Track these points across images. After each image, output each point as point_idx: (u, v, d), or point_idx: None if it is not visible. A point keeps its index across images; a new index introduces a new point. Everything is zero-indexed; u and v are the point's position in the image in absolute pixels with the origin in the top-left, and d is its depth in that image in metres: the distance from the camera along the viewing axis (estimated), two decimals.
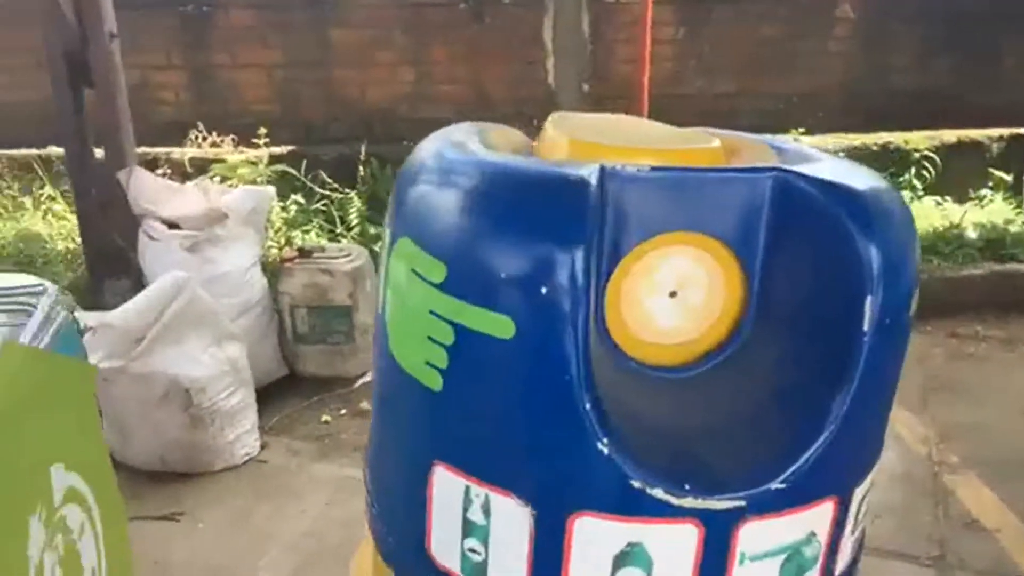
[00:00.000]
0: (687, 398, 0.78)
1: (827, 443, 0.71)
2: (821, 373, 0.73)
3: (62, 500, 1.08)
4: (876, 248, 0.71)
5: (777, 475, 0.71)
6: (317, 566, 2.54)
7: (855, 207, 0.73)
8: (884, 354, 0.72)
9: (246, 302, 3.39)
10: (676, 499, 0.69)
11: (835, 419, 0.71)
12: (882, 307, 0.70)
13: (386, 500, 0.86)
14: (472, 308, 0.69)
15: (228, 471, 3.03)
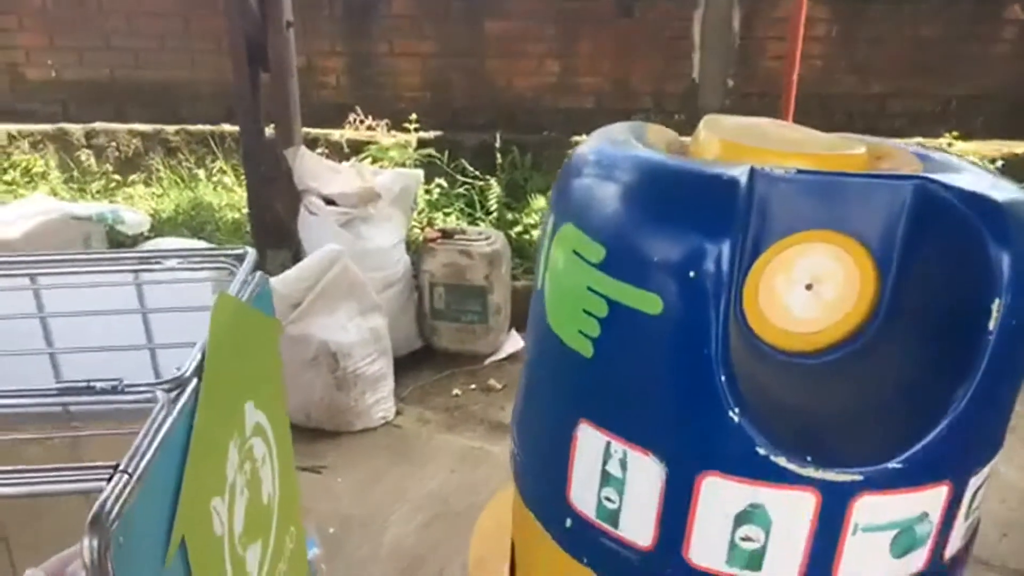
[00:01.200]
0: (815, 382, 0.86)
1: (944, 432, 0.77)
2: (945, 368, 0.79)
3: (251, 432, 1.26)
4: (1009, 254, 0.76)
5: (894, 456, 0.77)
6: (442, 524, 2.71)
7: (991, 216, 0.78)
8: (1007, 354, 0.77)
9: (390, 277, 3.61)
10: (798, 468, 0.77)
11: (955, 410, 0.77)
12: (1009, 310, 0.75)
13: (533, 452, 0.97)
14: (626, 286, 0.79)
15: (366, 432, 3.25)
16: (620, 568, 0.87)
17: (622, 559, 0.86)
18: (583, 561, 0.90)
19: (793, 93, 3.85)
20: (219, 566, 1.05)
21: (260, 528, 1.25)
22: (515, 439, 1.01)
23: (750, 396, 0.78)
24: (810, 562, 0.80)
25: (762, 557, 0.80)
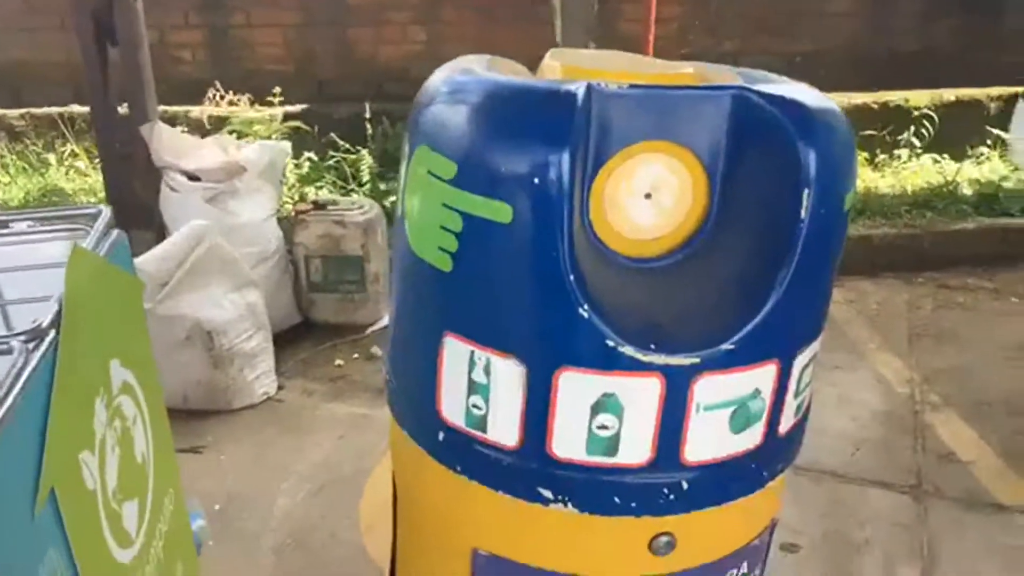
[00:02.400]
0: (657, 282, 0.93)
1: (770, 314, 0.86)
2: (768, 258, 0.87)
3: (119, 390, 1.24)
4: (814, 150, 0.85)
5: (727, 339, 0.85)
6: (332, 491, 2.71)
7: (799, 117, 0.87)
8: (820, 239, 0.86)
9: (263, 252, 3.54)
10: (643, 356, 0.84)
11: (777, 293, 0.85)
12: (817, 199, 0.84)
13: (403, 373, 1.01)
14: (477, 198, 0.83)
15: (247, 409, 3.20)
16: (491, 470, 0.92)
17: (492, 461, 0.91)
18: (456, 470, 0.94)
19: (651, 54, 4.00)
20: (93, 519, 1.04)
21: (135, 486, 1.24)
22: (387, 365, 1.05)
23: (598, 296, 0.84)
24: (660, 442, 0.87)
25: (617, 442, 0.87)
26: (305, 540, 2.49)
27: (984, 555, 2.42)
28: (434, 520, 1.04)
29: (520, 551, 0.97)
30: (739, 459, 0.92)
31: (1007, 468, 2.77)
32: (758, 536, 1.04)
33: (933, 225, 4.21)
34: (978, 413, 3.05)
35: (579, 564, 0.96)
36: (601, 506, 0.90)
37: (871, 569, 2.38)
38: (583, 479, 0.90)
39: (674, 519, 0.92)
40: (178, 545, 1.42)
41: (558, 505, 0.90)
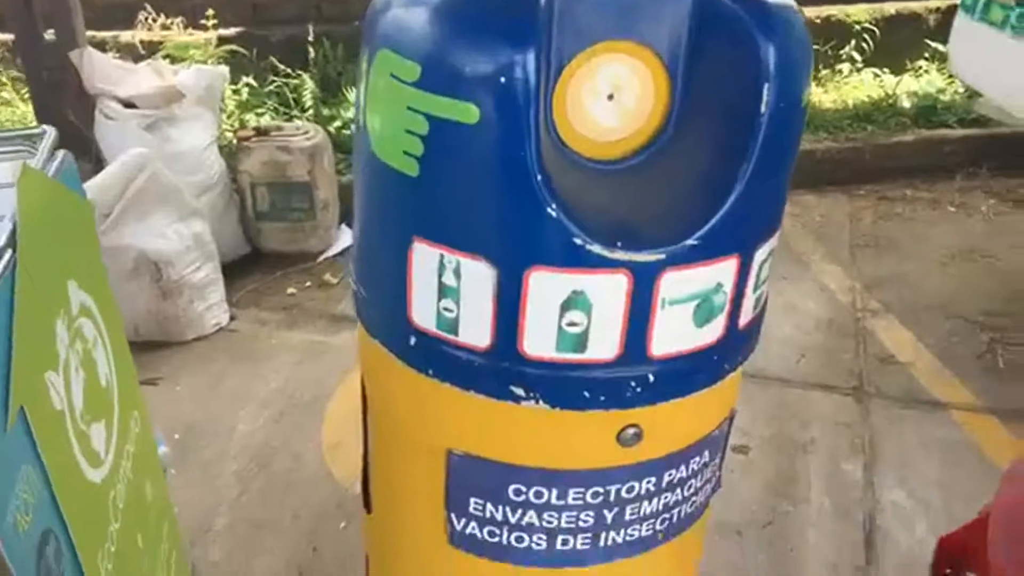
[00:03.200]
0: (622, 182, 0.94)
1: (731, 209, 0.88)
2: (729, 154, 0.89)
3: (78, 312, 1.22)
4: (774, 45, 0.86)
5: (691, 234, 0.88)
6: (292, 416, 2.73)
7: (758, 12, 0.88)
8: (779, 133, 0.88)
9: (205, 181, 3.46)
10: (610, 253, 0.86)
11: (738, 188, 0.88)
12: (777, 94, 0.86)
13: (372, 282, 1.02)
14: (443, 99, 0.83)
15: (200, 340, 3.18)
16: (462, 372, 0.94)
17: (464, 363, 0.93)
18: (428, 373, 0.96)
19: None
20: (63, 438, 1.04)
21: (101, 408, 1.23)
22: (354, 276, 1.05)
23: (565, 196, 0.85)
24: (627, 337, 0.90)
25: (586, 338, 0.89)
26: (268, 464, 2.52)
27: (921, 449, 2.56)
28: (407, 425, 1.06)
29: (493, 449, 1.00)
30: (702, 352, 0.96)
31: (944, 368, 2.92)
32: (718, 426, 1.09)
33: (874, 138, 4.30)
34: (916, 317, 3.18)
35: (551, 458, 0.99)
36: (571, 401, 0.93)
37: (816, 466, 2.51)
38: (553, 376, 0.92)
39: (641, 411, 0.96)
40: (146, 466, 1.42)
41: (530, 402, 0.93)
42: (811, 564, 2.18)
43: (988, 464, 2.47)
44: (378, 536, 1.25)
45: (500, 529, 1.05)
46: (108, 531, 1.15)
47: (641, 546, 1.09)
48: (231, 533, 2.25)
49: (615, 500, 1.03)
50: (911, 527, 2.29)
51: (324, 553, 2.19)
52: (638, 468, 1.02)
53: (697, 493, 1.12)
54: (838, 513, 2.34)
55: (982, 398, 2.76)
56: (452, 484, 1.04)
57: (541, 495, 1.02)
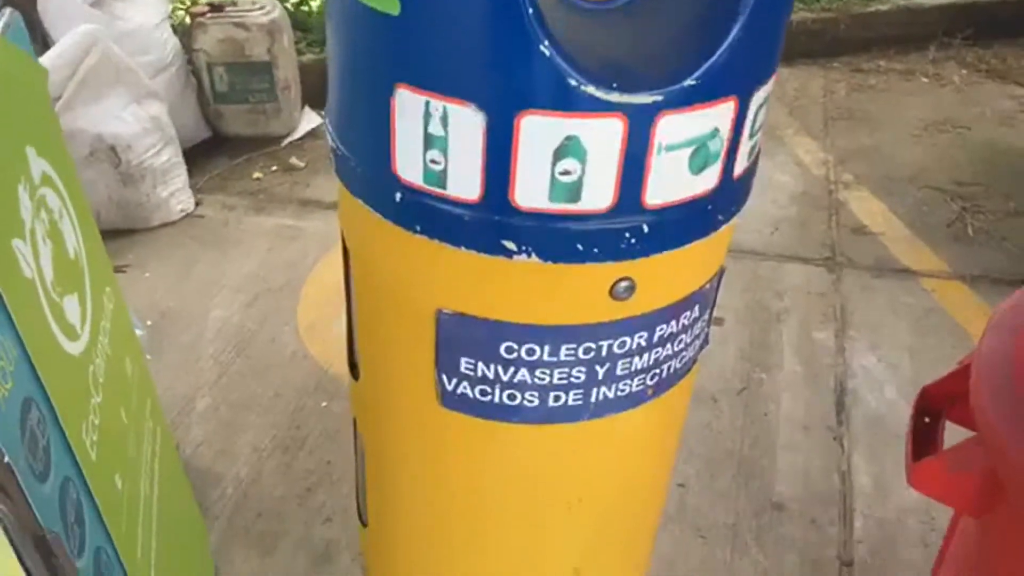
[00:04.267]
0: (617, 22, 0.89)
1: (730, 46, 0.84)
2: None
3: (40, 181, 1.16)
4: None
5: (689, 74, 0.84)
6: (266, 300, 2.70)
7: None
8: None
9: (159, 61, 3.30)
10: (605, 95, 0.81)
11: (739, 23, 0.83)
12: None
13: (352, 138, 0.97)
14: None
15: (166, 227, 3.11)
16: (452, 227, 0.91)
17: (453, 218, 0.90)
18: (416, 230, 0.93)
19: None
20: (36, 308, 1.00)
21: (72, 281, 1.19)
22: (332, 134, 1.00)
23: (558, 36, 0.80)
24: (621, 186, 0.87)
25: (580, 187, 0.86)
26: (245, 348, 2.51)
27: (891, 315, 2.61)
28: (394, 287, 1.03)
29: (484, 307, 0.98)
30: (696, 202, 0.93)
31: (914, 237, 2.95)
32: (709, 281, 1.08)
33: (849, 8, 4.21)
34: (888, 188, 3.19)
35: (543, 314, 0.98)
36: (564, 254, 0.91)
37: (789, 335, 2.55)
38: (546, 228, 0.89)
39: (634, 264, 0.94)
40: (124, 344, 1.39)
41: (522, 257, 0.91)
42: (784, 426, 2.24)
43: (957, 328, 2.53)
44: (367, 402, 1.24)
45: (492, 388, 1.05)
46: (90, 404, 1.13)
47: (631, 402, 1.10)
48: (213, 414, 2.25)
49: (607, 355, 1.03)
50: (880, 389, 2.35)
51: (307, 430, 2.21)
52: (630, 323, 1.01)
53: (687, 348, 1.12)
54: (810, 378, 2.40)
55: (951, 265, 2.81)
56: (442, 344, 1.03)
57: (533, 352, 1.01)
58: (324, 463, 2.12)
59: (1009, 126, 3.63)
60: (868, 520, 2.00)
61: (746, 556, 1.93)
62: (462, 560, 1.26)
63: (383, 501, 1.33)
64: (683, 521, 1.99)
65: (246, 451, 2.15)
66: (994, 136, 3.54)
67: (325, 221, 3.10)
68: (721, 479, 2.10)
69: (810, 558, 1.92)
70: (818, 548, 1.94)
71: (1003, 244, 2.90)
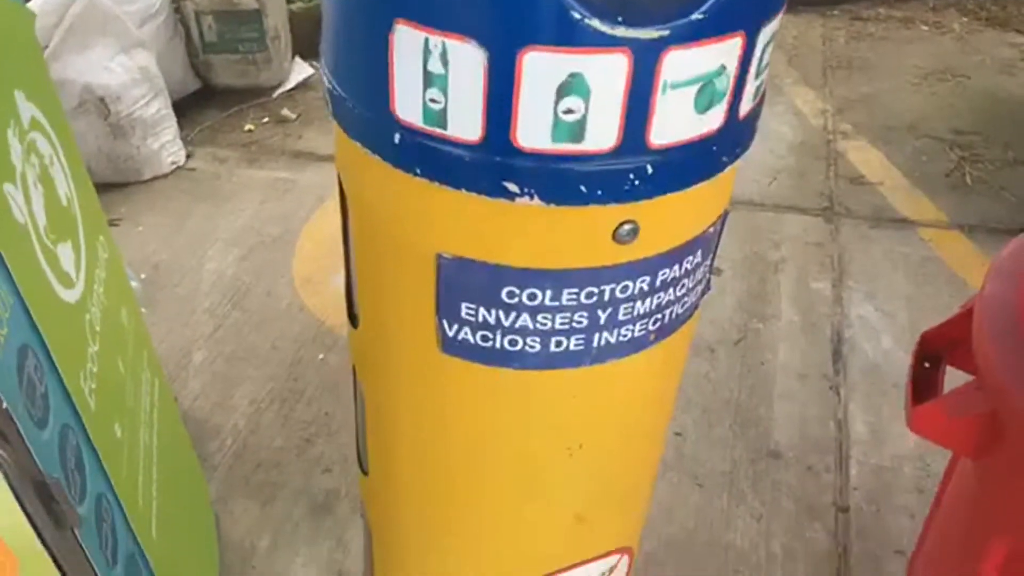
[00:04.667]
0: None
1: None
2: None
3: (29, 125, 1.14)
4: None
5: (696, 8, 0.81)
6: (261, 253, 2.68)
7: None
8: None
9: (146, 9, 3.23)
10: (610, 29, 0.79)
11: None
12: None
13: (349, 77, 0.94)
14: None
15: (158, 179, 3.07)
16: (452, 168, 0.89)
17: (454, 159, 0.88)
18: (416, 173, 0.91)
19: None
20: (30, 254, 0.99)
21: (66, 228, 1.17)
22: (328, 75, 0.97)
23: None
24: (626, 125, 0.85)
25: (584, 127, 0.84)
26: (241, 301, 2.49)
27: (888, 265, 2.61)
28: (393, 232, 1.02)
29: (485, 251, 0.97)
30: (701, 142, 0.92)
31: (912, 186, 2.93)
32: (712, 225, 1.06)
33: None
34: (886, 137, 3.17)
35: (545, 259, 0.96)
36: (567, 196, 0.89)
37: (787, 285, 2.55)
38: (549, 169, 0.88)
39: (638, 206, 0.92)
40: (119, 293, 1.38)
41: (524, 199, 0.89)
42: (781, 375, 2.25)
43: (954, 278, 2.53)
44: (366, 350, 1.24)
45: (493, 333, 1.04)
46: (87, 352, 1.12)
47: (633, 347, 1.09)
48: (210, 367, 2.25)
49: (609, 300, 1.02)
50: (877, 339, 2.36)
51: (304, 382, 2.21)
52: (633, 267, 0.99)
53: (689, 293, 1.11)
54: (807, 328, 2.40)
55: (949, 215, 2.80)
56: (442, 289, 1.01)
57: (535, 297, 1.00)
58: (322, 415, 2.12)
59: (1009, 74, 3.60)
60: (864, 467, 2.02)
61: (743, 503, 1.95)
62: (463, 506, 1.27)
63: (383, 449, 1.33)
64: (680, 469, 2.01)
65: (244, 403, 2.15)
66: (994, 85, 3.50)
67: (319, 173, 3.07)
68: (718, 428, 2.12)
69: (806, 504, 1.94)
70: (814, 495, 1.96)
71: (1001, 193, 2.89)
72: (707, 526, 1.89)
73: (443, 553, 1.36)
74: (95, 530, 1.01)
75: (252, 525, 1.85)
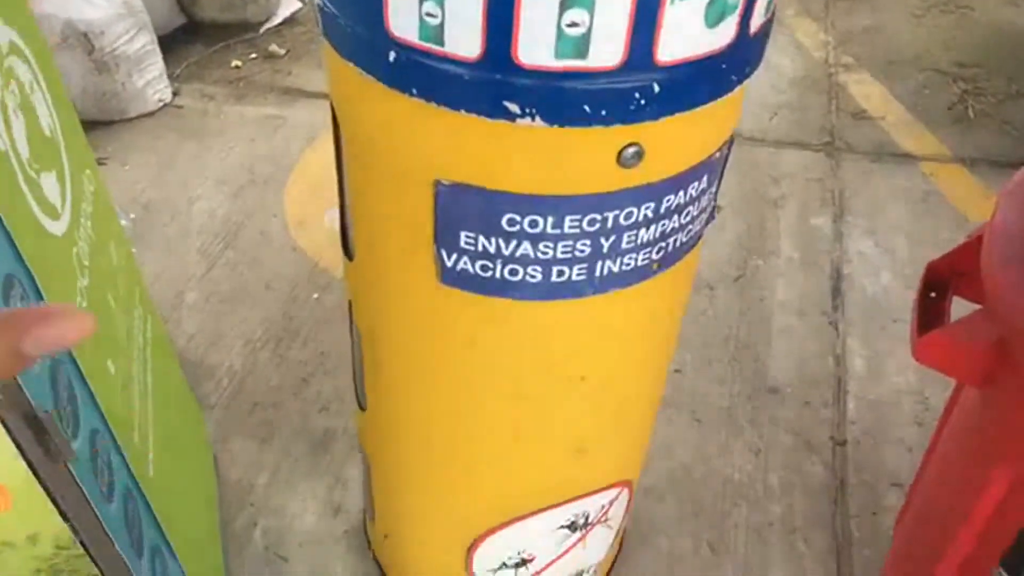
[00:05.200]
0: None
1: None
2: None
3: (7, 50, 1.09)
4: None
5: None
6: (252, 192, 2.64)
7: None
8: None
9: None
10: None
11: None
12: None
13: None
14: None
15: (144, 117, 3.00)
16: (450, 88, 0.86)
17: (452, 78, 0.84)
18: (412, 93, 0.87)
19: None
20: (13, 183, 0.95)
21: (49, 159, 1.13)
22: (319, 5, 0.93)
23: None
24: (632, 40, 0.81)
25: (588, 42, 0.80)
26: (233, 240, 2.46)
27: (889, 200, 2.58)
28: (390, 158, 0.98)
29: (485, 176, 0.93)
30: (710, 59, 0.88)
31: (914, 120, 2.89)
32: (719, 149, 1.03)
33: None
34: (888, 71, 3.11)
35: (547, 184, 0.93)
36: (570, 117, 0.86)
37: (787, 221, 2.52)
38: (551, 88, 0.84)
39: (643, 127, 0.89)
40: (107, 228, 1.34)
41: (525, 120, 0.85)
42: (780, 312, 2.24)
43: (954, 212, 2.51)
44: (363, 284, 1.21)
45: (493, 263, 1.01)
46: (77, 286, 1.09)
47: (636, 276, 1.06)
48: (203, 306, 2.22)
49: (612, 227, 0.99)
50: (877, 274, 2.34)
51: (299, 322, 2.19)
52: (637, 192, 0.96)
53: (693, 221, 1.08)
54: (807, 264, 2.38)
55: (951, 148, 2.76)
56: (441, 218, 0.98)
57: (536, 224, 0.97)
58: (318, 354, 2.11)
59: (1014, 6, 3.52)
60: (861, 402, 2.02)
61: (740, 438, 1.95)
62: (464, 440, 1.26)
63: (382, 384, 1.31)
64: (679, 405, 2.00)
65: (239, 343, 2.13)
66: (998, 17, 3.43)
67: (308, 110, 3.01)
68: (717, 365, 2.11)
69: (804, 439, 1.94)
70: (812, 429, 1.96)
71: (1004, 127, 2.84)
72: (705, 460, 1.90)
73: (444, 487, 1.35)
74: (90, 465, 0.99)
75: (250, 464, 1.85)
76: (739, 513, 1.80)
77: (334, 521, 1.76)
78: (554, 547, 1.41)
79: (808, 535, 1.76)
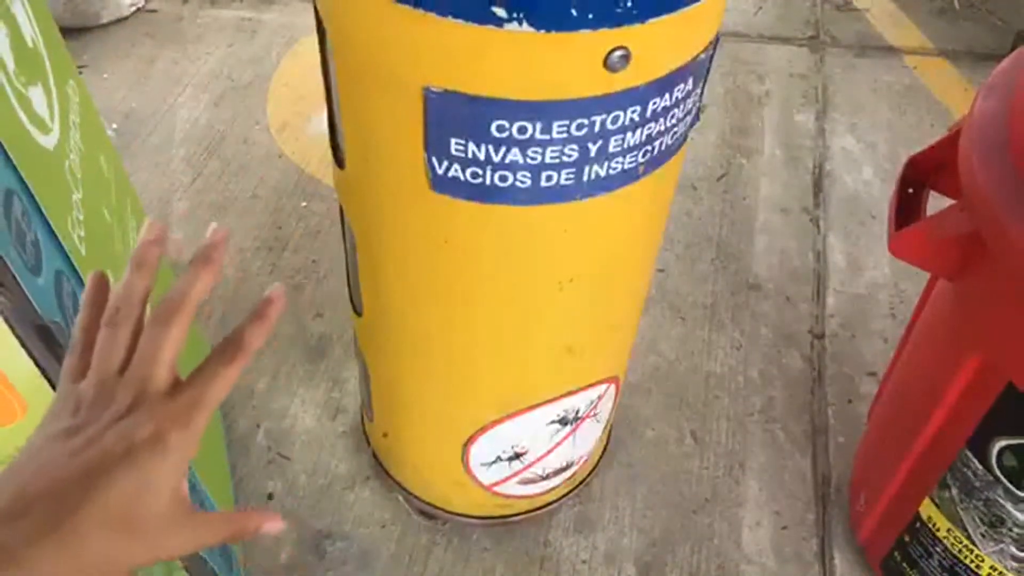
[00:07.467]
0: None
1: None
2: None
3: None
4: None
5: None
6: (233, 98, 2.60)
7: None
8: None
9: None
10: None
11: None
12: None
13: None
14: None
15: (118, 23, 2.92)
16: None
17: None
18: None
19: None
20: (3, 98, 0.95)
21: (35, 72, 1.13)
22: None
23: None
24: None
25: None
26: (217, 149, 2.44)
27: (872, 95, 2.58)
28: (378, 65, 0.99)
29: (474, 83, 0.94)
30: None
31: (899, 12, 2.86)
32: (704, 51, 1.04)
33: None
34: None
35: (535, 90, 0.94)
36: (558, 21, 0.87)
37: (770, 118, 2.53)
38: None
39: (630, 30, 0.90)
40: (96, 139, 1.35)
41: (512, 24, 0.86)
42: (762, 209, 2.27)
43: (937, 105, 2.52)
44: (354, 191, 1.23)
45: (483, 169, 1.03)
46: (72, 199, 1.11)
47: (623, 179, 1.09)
48: (191, 216, 2.23)
49: (599, 132, 1.01)
50: (858, 170, 2.37)
51: (289, 230, 2.21)
52: (624, 96, 0.98)
53: (679, 124, 1.10)
54: (789, 161, 2.40)
55: (935, 41, 2.74)
56: (430, 125, 1.00)
57: (525, 130, 0.98)
58: (310, 261, 2.14)
59: None
60: (840, 296, 2.08)
61: (723, 333, 2.01)
62: (458, 341, 1.30)
63: (376, 289, 1.35)
64: (663, 303, 2.06)
65: (230, 251, 2.14)
66: None
67: (285, 13, 2.94)
68: (700, 263, 2.15)
69: (783, 333, 2.01)
70: (792, 323, 2.03)
71: (989, 18, 2.82)
72: (688, 356, 1.97)
73: (440, 388, 1.41)
74: None
75: (249, 369, 1.90)
76: (720, 405, 1.88)
77: (333, 422, 1.83)
78: (546, 440, 1.48)
79: (786, 424, 1.84)
